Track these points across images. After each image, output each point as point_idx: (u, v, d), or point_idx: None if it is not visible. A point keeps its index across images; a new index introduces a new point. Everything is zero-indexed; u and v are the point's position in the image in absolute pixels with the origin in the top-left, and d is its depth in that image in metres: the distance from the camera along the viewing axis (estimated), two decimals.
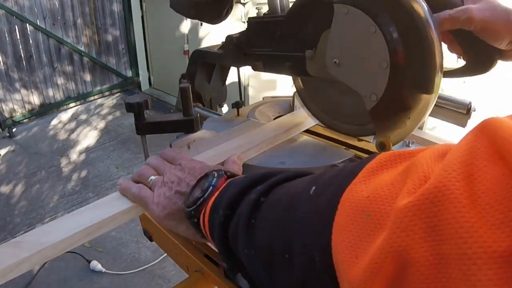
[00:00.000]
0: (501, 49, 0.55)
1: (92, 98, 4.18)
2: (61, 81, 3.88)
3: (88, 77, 4.08)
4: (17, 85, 3.57)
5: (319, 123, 0.70)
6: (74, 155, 3.21)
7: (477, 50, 0.58)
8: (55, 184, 2.83)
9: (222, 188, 0.42)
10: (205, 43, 3.26)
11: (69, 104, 4.02)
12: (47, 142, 3.45)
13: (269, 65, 0.68)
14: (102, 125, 3.72)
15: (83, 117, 3.89)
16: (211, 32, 3.21)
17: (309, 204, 0.31)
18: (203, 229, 0.42)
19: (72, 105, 4.04)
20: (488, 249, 0.18)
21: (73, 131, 3.62)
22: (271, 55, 0.66)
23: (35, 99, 3.76)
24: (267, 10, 0.69)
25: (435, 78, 0.48)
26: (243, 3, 2.64)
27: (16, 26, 3.40)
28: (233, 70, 0.91)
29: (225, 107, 0.98)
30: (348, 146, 0.69)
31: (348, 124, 0.66)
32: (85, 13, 3.84)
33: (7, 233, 2.34)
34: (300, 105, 0.72)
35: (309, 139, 0.74)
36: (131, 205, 0.51)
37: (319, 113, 0.70)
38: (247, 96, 2.92)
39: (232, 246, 0.38)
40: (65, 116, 3.90)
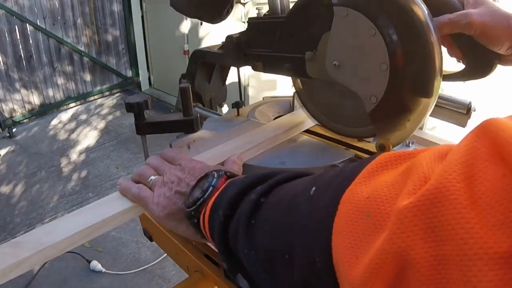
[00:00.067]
0: (501, 54, 0.55)
1: (92, 98, 4.18)
2: (61, 81, 3.88)
3: (88, 77, 4.08)
4: (17, 85, 3.57)
5: (319, 124, 0.71)
6: (74, 155, 3.21)
7: (476, 54, 0.58)
8: (55, 184, 2.83)
9: (222, 188, 0.42)
10: (205, 43, 3.26)
11: (69, 104, 4.02)
12: (47, 142, 3.45)
13: (269, 66, 0.68)
14: (102, 125, 3.72)
15: (83, 117, 3.89)
16: (211, 32, 3.21)
17: (309, 204, 0.31)
18: (203, 229, 0.42)
19: (72, 105, 4.04)
20: (488, 250, 0.18)
21: (73, 131, 3.62)
22: (271, 56, 0.66)
23: (35, 99, 3.76)
24: (268, 10, 0.68)
25: (434, 81, 0.48)
26: (243, 3, 2.64)
27: (16, 26, 3.40)
28: (233, 70, 0.91)
29: (225, 107, 0.98)
30: (348, 146, 0.69)
31: (347, 126, 0.65)
32: (85, 13, 3.84)
33: (7, 233, 2.34)
34: (299, 106, 0.72)
35: (309, 139, 0.73)
36: (131, 205, 0.51)
37: (318, 114, 0.70)
38: (247, 96, 2.92)
39: (232, 246, 0.38)
40: (65, 116, 3.90)
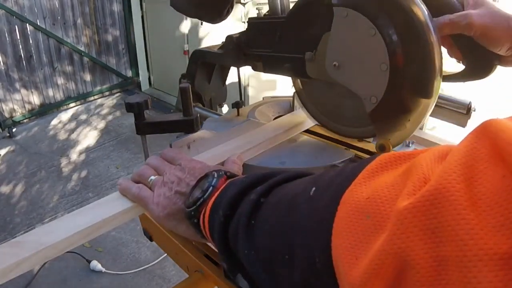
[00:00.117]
0: (501, 55, 0.55)
1: (92, 98, 4.18)
2: (61, 81, 3.88)
3: (88, 77, 4.08)
4: (17, 85, 3.57)
5: (318, 124, 0.70)
6: (74, 155, 3.21)
7: (476, 55, 0.58)
8: (55, 184, 2.83)
9: (222, 188, 0.42)
10: (205, 43, 3.26)
11: (69, 104, 4.02)
12: (47, 142, 3.45)
13: (269, 66, 0.68)
14: (102, 125, 3.72)
15: (83, 117, 3.89)
16: (211, 32, 3.21)
17: (309, 204, 0.31)
18: (203, 229, 0.42)
19: (72, 105, 4.04)
20: (488, 251, 0.18)
21: (73, 131, 3.62)
22: (271, 56, 0.66)
23: (35, 99, 3.76)
24: (268, 10, 0.68)
25: (434, 81, 0.48)
26: (243, 3, 2.64)
27: (16, 26, 3.40)
28: (233, 70, 0.91)
29: (225, 107, 0.98)
30: (348, 146, 0.69)
31: (347, 126, 0.65)
32: (85, 13, 3.84)
33: (7, 233, 2.34)
34: (299, 106, 0.72)
35: (309, 139, 0.73)
36: (131, 205, 0.51)
37: (318, 114, 0.69)
38: (247, 96, 2.92)
39: (232, 246, 0.38)
40: (65, 116, 3.90)
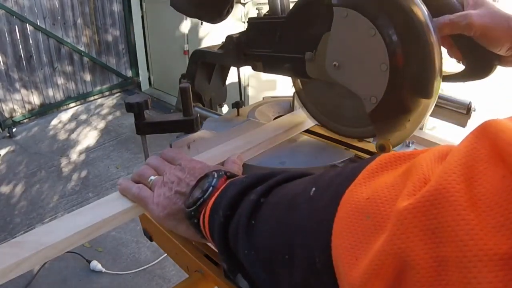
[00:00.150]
0: (501, 55, 0.55)
1: (92, 98, 4.18)
2: (61, 81, 3.88)
3: (88, 77, 4.08)
4: (17, 85, 3.57)
5: (318, 124, 0.70)
6: (74, 155, 3.21)
7: (476, 55, 0.58)
8: (55, 184, 2.83)
9: (222, 188, 0.42)
10: (205, 43, 3.26)
11: (69, 104, 4.02)
12: (47, 142, 3.44)
13: (269, 66, 0.68)
14: (102, 125, 3.72)
15: (83, 117, 3.89)
16: (211, 32, 3.21)
17: (309, 205, 0.31)
18: (203, 229, 0.42)
19: (72, 105, 4.04)
20: (488, 251, 0.18)
21: (73, 131, 3.62)
22: (271, 56, 0.66)
23: (35, 99, 3.76)
24: (268, 10, 0.68)
25: (434, 82, 0.48)
26: (243, 3, 2.64)
27: (16, 26, 3.40)
28: (233, 70, 0.91)
29: (225, 107, 0.98)
30: (348, 146, 0.69)
31: (347, 126, 0.65)
32: (85, 13, 3.84)
33: (7, 233, 2.34)
34: (299, 106, 0.72)
35: (309, 139, 0.73)
36: (131, 205, 0.51)
37: (318, 114, 0.69)
38: (247, 96, 2.92)
39: (232, 246, 0.38)
40: (65, 116, 3.90)
